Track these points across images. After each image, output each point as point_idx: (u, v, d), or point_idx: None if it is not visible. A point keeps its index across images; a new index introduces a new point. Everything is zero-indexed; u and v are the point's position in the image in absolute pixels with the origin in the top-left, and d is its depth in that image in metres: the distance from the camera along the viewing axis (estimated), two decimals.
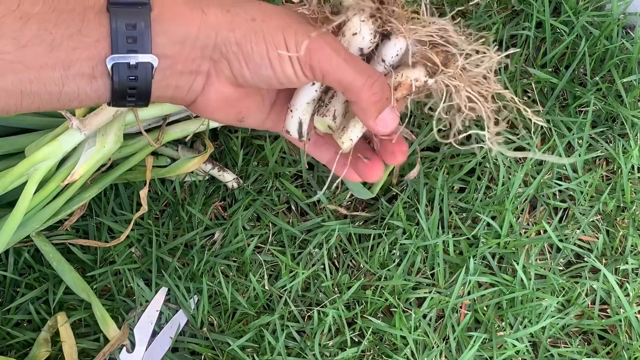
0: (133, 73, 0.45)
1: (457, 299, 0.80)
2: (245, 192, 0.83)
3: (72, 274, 0.77)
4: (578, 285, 0.82)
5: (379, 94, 0.48)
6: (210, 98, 0.49)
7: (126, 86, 0.45)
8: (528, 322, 0.80)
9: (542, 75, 0.87)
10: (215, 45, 0.46)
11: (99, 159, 0.73)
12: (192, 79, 0.48)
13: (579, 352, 0.80)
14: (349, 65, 0.46)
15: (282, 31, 0.46)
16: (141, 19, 0.44)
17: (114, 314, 0.78)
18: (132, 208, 0.82)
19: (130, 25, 0.44)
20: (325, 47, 0.46)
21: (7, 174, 0.69)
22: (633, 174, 0.87)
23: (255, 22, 0.46)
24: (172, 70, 0.46)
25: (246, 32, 0.46)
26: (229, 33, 0.46)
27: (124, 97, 0.46)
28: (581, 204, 0.85)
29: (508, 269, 0.83)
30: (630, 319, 0.81)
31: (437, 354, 0.79)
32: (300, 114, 0.51)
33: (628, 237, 0.84)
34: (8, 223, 0.70)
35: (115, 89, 0.45)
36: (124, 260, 0.80)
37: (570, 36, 0.89)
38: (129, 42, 0.44)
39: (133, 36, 0.44)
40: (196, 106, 0.50)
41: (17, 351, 0.77)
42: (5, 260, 0.80)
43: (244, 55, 0.46)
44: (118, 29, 0.44)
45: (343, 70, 0.46)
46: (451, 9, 0.90)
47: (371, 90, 0.47)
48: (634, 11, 0.90)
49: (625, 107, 0.87)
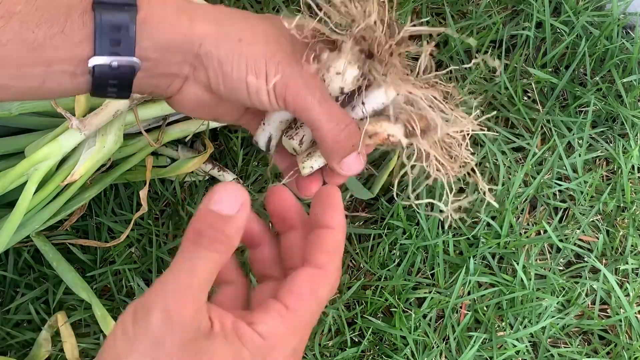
0: (114, 73, 0.45)
1: (457, 299, 0.80)
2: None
3: (72, 274, 0.77)
4: (578, 286, 0.82)
5: (345, 142, 0.48)
6: (185, 98, 0.49)
7: (107, 84, 0.45)
8: (528, 322, 0.80)
9: (542, 75, 0.87)
10: (197, 55, 0.46)
11: (99, 159, 0.73)
12: (170, 80, 0.48)
13: (579, 352, 0.80)
14: (321, 108, 0.46)
15: (265, 59, 0.45)
16: (126, 21, 0.44)
17: (114, 314, 0.78)
18: (132, 208, 0.82)
19: (115, 27, 0.43)
20: (302, 86, 0.46)
21: (7, 174, 0.69)
22: (633, 174, 0.87)
23: (241, 44, 0.45)
24: (153, 71, 0.46)
25: (230, 52, 0.45)
26: (213, 48, 0.45)
27: (104, 92, 0.46)
28: (581, 204, 0.85)
29: (508, 269, 0.83)
30: (630, 319, 0.81)
31: (437, 354, 0.79)
32: (272, 130, 0.52)
33: (628, 237, 0.84)
34: (8, 223, 0.70)
35: (96, 84, 0.45)
36: (123, 260, 0.80)
37: (570, 36, 0.89)
38: (113, 44, 0.44)
39: (117, 39, 0.43)
40: (171, 102, 0.50)
41: (16, 351, 0.77)
42: (5, 260, 0.80)
43: (222, 73, 0.46)
44: (102, 30, 0.43)
45: (314, 112, 0.46)
46: (451, 9, 0.90)
47: (338, 137, 0.47)
48: (634, 11, 0.90)
49: (625, 107, 0.87)
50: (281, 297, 0.41)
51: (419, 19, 0.89)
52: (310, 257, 0.43)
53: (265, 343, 0.39)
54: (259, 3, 0.90)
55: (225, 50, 0.45)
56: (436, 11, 0.91)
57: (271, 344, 0.39)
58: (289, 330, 0.40)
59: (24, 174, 0.70)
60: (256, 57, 0.45)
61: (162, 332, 0.38)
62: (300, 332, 0.41)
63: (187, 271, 0.40)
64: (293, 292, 0.41)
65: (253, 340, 0.39)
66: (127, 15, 0.44)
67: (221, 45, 0.45)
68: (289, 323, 0.40)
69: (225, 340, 0.39)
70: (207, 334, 0.39)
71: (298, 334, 0.41)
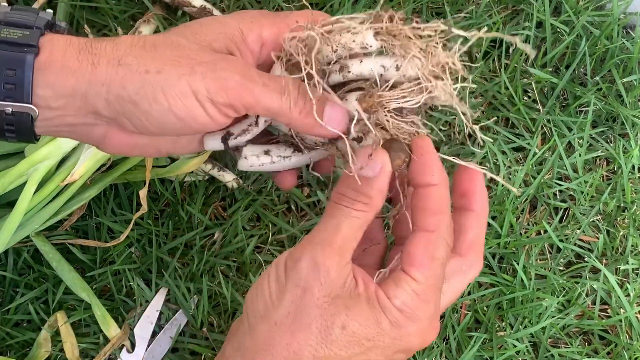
0: (10, 119, 0.41)
1: (457, 299, 0.80)
2: (245, 192, 0.83)
3: (71, 274, 0.77)
4: (578, 286, 0.82)
5: (307, 105, 0.43)
6: (115, 144, 0.45)
7: (3, 128, 0.42)
8: (528, 322, 0.80)
9: (542, 75, 0.87)
10: (108, 102, 0.42)
11: (99, 159, 0.73)
12: (87, 129, 0.44)
13: (580, 353, 0.80)
14: (270, 89, 0.42)
15: (185, 79, 0.41)
16: (23, 66, 0.40)
17: (114, 314, 0.78)
18: (132, 208, 0.82)
19: (11, 70, 0.40)
20: (242, 80, 0.42)
21: (7, 174, 0.69)
22: (633, 174, 0.87)
23: (150, 75, 0.41)
24: (61, 120, 0.43)
25: (139, 87, 0.41)
26: (121, 90, 0.41)
27: (2, 136, 0.43)
28: (581, 204, 0.85)
29: (508, 269, 0.83)
30: (631, 319, 0.81)
31: (438, 354, 0.79)
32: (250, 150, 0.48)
33: (628, 237, 0.84)
34: (8, 223, 0.69)
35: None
36: (123, 261, 0.80)
37: (570, 36, 0.88)
38: (7, 87, 0.40)
39: (12, 82, 0.40)
40: (102, 149, 0.46)
41: (16, 351, 0.77)
42: (4, 261, 0.79)
43: (141, 113, 0.42)
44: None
45: (267, 97, 0.42)
46: (451, 9, 0.90)
47: (297, 108, 0.43)
48: (634, 11, 0.90)
49: (625, 107, 0.87)
50: (407, 270, 0.43)
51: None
52: (420, 221, 0.43)
53: (402, 316, 0.42)
54: (259, 3, 0.89)
55: (134, 87, 0.41)
56: (436, 11, 0.91)
57: (407, 316, 0.42)
58: (422, 301, 0.42)
59: (24, 174, 0.70)
60: (173, 81, 0.41)
61: (310, 279, 0.41)
62: (432, 299, 0.43)
63: (331, 229, 0.42)
64: (414, 263, 0.42)
65: (392, 312, 0.41)
66: (25, 57, 0.40)
67: (128, 84, 0.41)
68: (421, 295, 0.42)
69: (368, 304, 0.41)
70: (351, 292, 0.42)
71: (431, 301, 0.43)
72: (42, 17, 0.43)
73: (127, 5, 0.87)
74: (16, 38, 0.41)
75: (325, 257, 0.41)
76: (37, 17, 0.43)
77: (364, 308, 0.41)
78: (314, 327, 0.40)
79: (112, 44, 0.42)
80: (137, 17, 0.87)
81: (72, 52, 0.41)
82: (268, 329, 0.41)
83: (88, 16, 0.86)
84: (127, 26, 0.86)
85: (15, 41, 0.41)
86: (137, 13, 0.87)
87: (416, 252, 0.42)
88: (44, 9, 0.45)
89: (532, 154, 0.85)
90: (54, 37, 0.42)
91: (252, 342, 0.42)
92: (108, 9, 0.86)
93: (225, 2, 0.89)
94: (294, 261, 0.42)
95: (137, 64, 0.41)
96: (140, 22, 0.84)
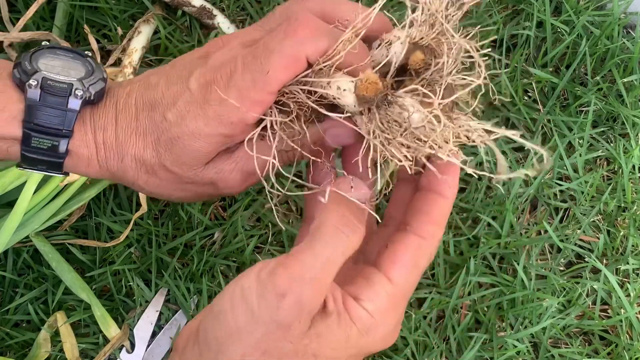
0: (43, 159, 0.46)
1: (458, 299, 0.80)
2: (245, 192, 0.83)
3: (71, 274, 0.77)
4: (579, 286, 0.82)
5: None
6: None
7: (36, 165, 0.47)
8: (529, 322, 0.80)
9: (542, 75, 0.87)
10: (133, 181, 0.49)
11: None
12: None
13: (580, 353, 0.80)
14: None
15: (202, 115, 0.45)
16: (51, 170, 0.46)
17: (114, 314, 0.78)
18: (132, 208, 0.82)
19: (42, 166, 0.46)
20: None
21: (7, 174, 0.69)
22: (634, 174, 0.87)
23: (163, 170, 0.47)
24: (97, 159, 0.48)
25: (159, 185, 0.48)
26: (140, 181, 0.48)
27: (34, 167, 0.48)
28: (582, 204, 0.85)
29: (508, 269, 0.82)
30: (631, 319, 0.81)
31: (438, 355, 0.78)
32: None
33: (629, 237, 0.84)
34: (7, 223, 0.69)
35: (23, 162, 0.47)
36: (123, 261, 0.80)
37: (571, 36, 0.88)
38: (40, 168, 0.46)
39: (44, 160, 0.46)
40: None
41: (16, 352, 0.77)
42: (4, 261, 0.79)
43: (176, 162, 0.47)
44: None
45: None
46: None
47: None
48: (635, 11, 0.90)
49: (626, 106, 0.87)
50: (385, 268, 0.41)
51: None
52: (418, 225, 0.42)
53: (372, 320, 0.40)
54: (258, 2, 0.89)
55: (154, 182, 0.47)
56: None
57: (377, 321, 0.40)
58: (393, 305, 0.41)
59: (24, 174, 0.70)
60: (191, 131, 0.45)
61: (292, 317, 0.38)
62: (402, 305, 0.42)
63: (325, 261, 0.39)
64: (396, 264, 0.41)
65: (361, 318, 0.40)
66: (53, 160, 0.45)
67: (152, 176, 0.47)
68: (393, 298, 0.41)
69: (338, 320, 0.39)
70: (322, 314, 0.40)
71: (400, 307, 0.42)
72: (73, 100, 0.45)
73: (127, 5, 0.87)
74: (45, 149, 0.45)
75: (314, 298, 0.38)
76: (67, 100, 0.45)
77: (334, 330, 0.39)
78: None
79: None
80: (137, 16, 0.87)
81: (93, 170, 0.47)
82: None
83: (88, 16, 0.86)
84: (126, 26, 0.86)
85: (44, 152, 0.45)
86: (137, 13, 0.87)
87: (404, 253, 0.41)
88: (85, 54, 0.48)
89: (533, 154, 0.85)
90: (78, 153, 0.46)
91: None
92: (108, 8, 0.86)
93: (225, 2, 0.89)
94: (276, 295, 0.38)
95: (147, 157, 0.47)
96: (140, 22, 0.84)
